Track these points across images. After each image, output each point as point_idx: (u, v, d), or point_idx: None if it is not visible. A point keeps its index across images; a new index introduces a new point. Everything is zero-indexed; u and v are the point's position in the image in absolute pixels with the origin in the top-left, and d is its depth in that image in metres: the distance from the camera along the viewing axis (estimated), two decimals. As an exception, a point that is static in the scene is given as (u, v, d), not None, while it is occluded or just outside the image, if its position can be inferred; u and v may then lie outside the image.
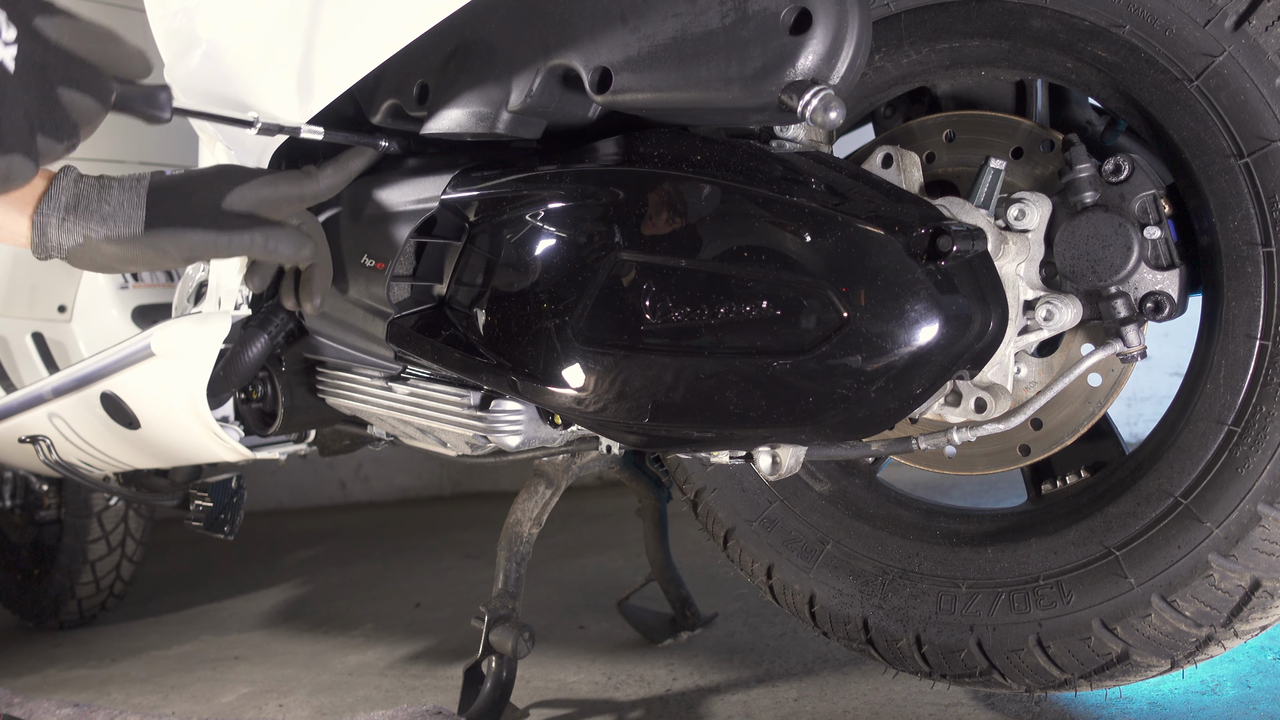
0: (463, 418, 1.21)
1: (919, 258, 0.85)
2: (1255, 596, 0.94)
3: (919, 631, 1.16)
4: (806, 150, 1.00)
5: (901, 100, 1.26)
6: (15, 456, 1.88)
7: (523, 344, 1.04)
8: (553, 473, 1.52)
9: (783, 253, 0.89)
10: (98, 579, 2.53)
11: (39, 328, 1.97)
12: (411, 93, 1.12)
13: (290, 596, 2.66)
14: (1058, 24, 0.99)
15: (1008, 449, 1.14)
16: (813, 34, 0.84)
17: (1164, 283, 1.00)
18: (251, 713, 1.70)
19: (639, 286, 0.96)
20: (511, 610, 1.46)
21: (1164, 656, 1.01)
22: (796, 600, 1.27)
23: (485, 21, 1.05)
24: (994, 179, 1.03)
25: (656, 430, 0.97)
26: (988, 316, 0.88)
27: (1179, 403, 1.02)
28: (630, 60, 0.94)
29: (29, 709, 1.71)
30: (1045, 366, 1.10)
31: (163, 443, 1.53)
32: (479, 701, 1.40)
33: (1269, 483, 0.92)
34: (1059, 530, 1.08)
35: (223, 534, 1.74)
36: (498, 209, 1.09)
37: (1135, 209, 1.00)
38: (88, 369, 1.49)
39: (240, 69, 1.15)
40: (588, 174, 1.02)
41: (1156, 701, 1.25)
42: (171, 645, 2.28)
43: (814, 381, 0.88)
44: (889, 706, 1.34)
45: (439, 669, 1.81)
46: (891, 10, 1.09)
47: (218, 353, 1.34)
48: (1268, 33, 0.88)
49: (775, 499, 1.29)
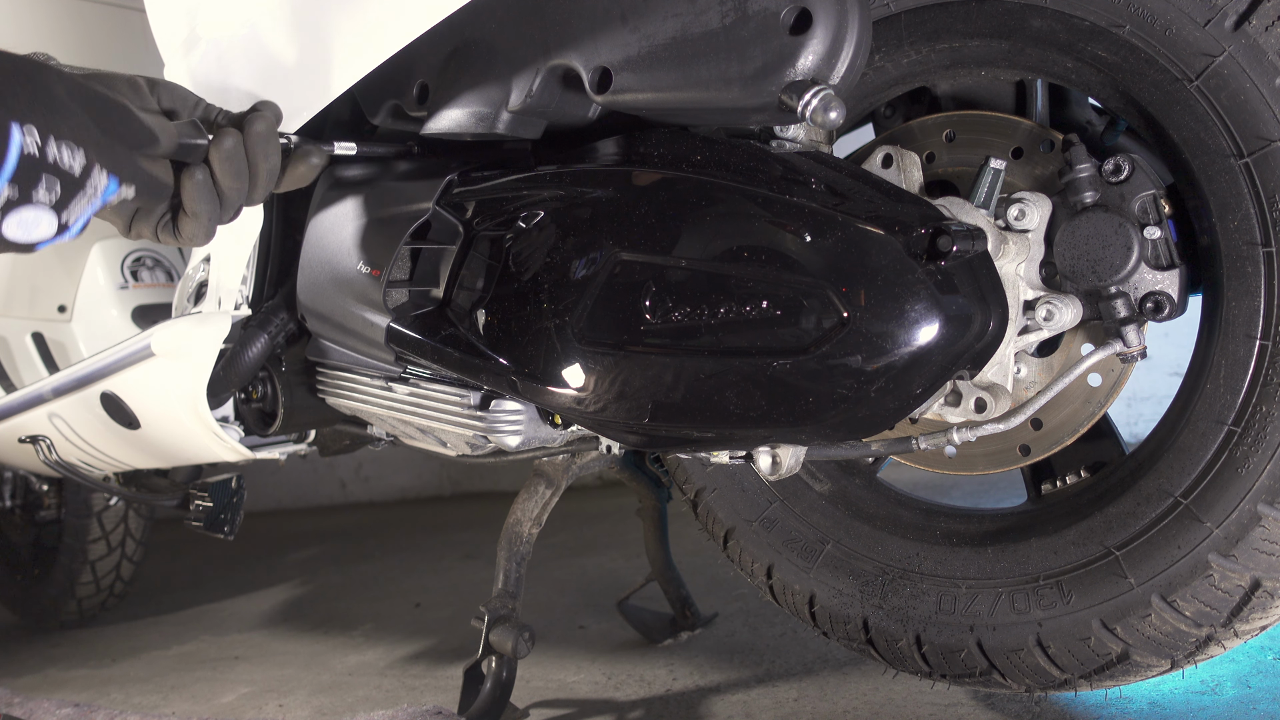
0: (463, 418, 1.20)
1: (919, 258, 0.85)
2: (1255, 596, 0.94)
3: (919, 631, 1.16)
4: (806, 150, 1.01)
5: (901, 100, 1.25)
6: (15, 456, 1.88)
7: (523, 344, 1.04)
8: (553, 473, 1.52)
9: (783, 253, 0.89)
10: (98, 579, 2.53)
11: (39, 328, 1.97)
12: (411, 93, 1.12)
13: (290, 596, 2.66)
14: (1058, 24, 0.99)
15: (1008, 449, 1.14)
16: (813, 34, 0.84)
17: (1164, 283, 1.00)
18: (251, 713, 1.70)
19: (639, 286, 0.96)
20: (511, 610, 1.45)
21: (1164, 656, 1.01)
22: (796, 600, 1.27)
23: (485, 21, 1.05)
24: (994, 179, 1.03)
25: (656, 430, 0.97)
26: (988, 316, 0.88)
27: (1179, 403, 1.02)
28: (630, 60, 0.94)
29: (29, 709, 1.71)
30: (1045, 366, 1.10)
31: (163, 443, 1.53)
32: (479, 701, 1.40)
33: (1269, 483, 0.92)
34: (1059, 530, 1.08)
35: (223, 534, 1.74)
36: (497, 210, 1.09)
37: (1135, 209, 1.00)
38: (88, 369, 1.49)
39: (240, 69, 1.15)
40: (588, 174, 1.02)
41: (1156, 701, 1.25)
42: (171, 645, 2.28)
43: (814, 381, 0.87)
44: (889, 706, 1.34)
45: (439, 669, 1.81)
46: (891, 10, 1.09)
47: (218, 353, 1.34)
48: (1268, 33, 0.88)
49: (775, 499, 1.29)
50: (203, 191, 0.86)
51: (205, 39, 1.18)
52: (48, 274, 1.95)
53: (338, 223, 1.24)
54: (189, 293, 1.43)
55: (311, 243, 1.28)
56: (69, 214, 0.78)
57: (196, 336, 1.33)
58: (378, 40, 1.02)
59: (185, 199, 0.86)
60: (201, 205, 0.87)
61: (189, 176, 0.86)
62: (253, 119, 0.87)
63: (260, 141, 0.87)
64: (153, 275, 1.98)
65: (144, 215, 0.89)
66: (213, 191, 0.87)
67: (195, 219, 0.87)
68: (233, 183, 0.87)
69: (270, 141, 0.88)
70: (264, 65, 1.12)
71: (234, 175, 0.86)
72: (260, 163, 0.88)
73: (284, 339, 1.39)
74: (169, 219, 0.89)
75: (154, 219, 0.89)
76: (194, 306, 1.41)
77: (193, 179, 0.86)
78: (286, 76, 1.10)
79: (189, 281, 1.43)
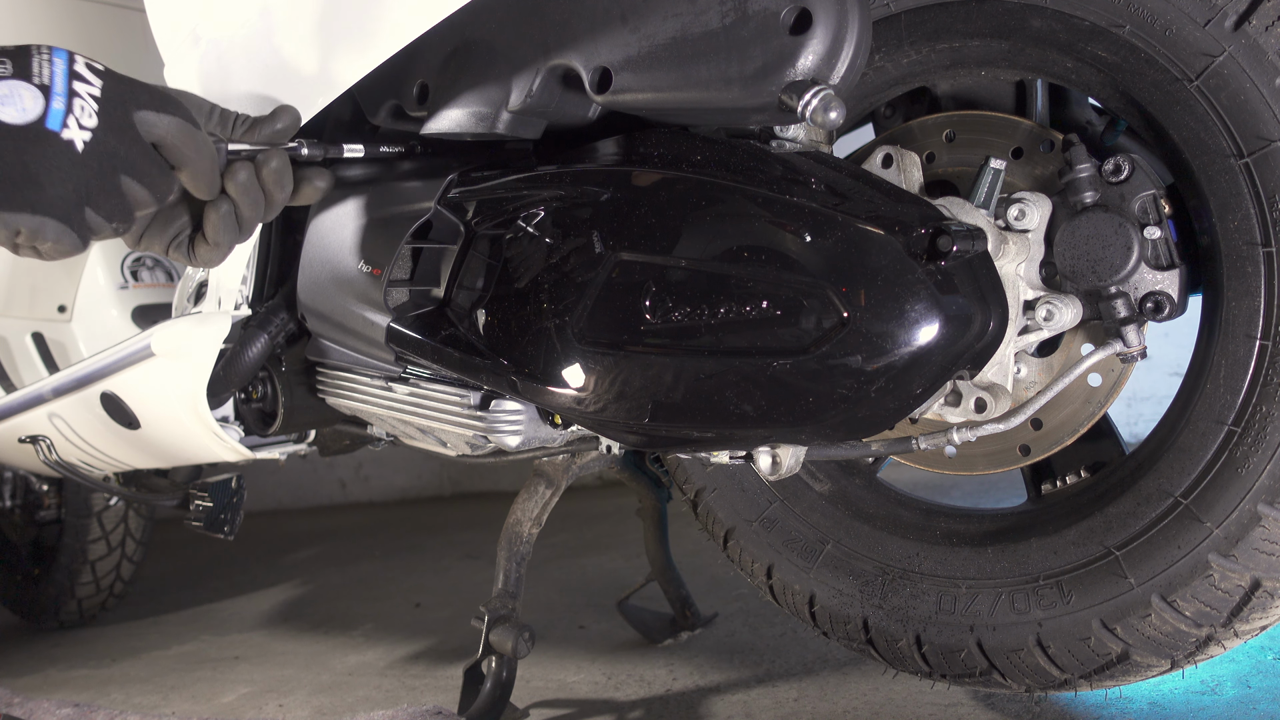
0: (463, 418, 1.21)
1: (919, 258, 0.85)
2: (1255, 596, 0.94)
3: (919, 631, 1.16)
4: (806, 150, 1.01)
5: (901, 100, 1.25)
6: (15, 456, 1.88)
7: (523, 344, 1.04)
8: (553, 473, 1.52)
9: (783, 253, 0.89)
10: (98, 579, 2.53)
11: (39, 328, 1.97)
12: (411, 93, 1.12)
13: (290, 596, 2.66)
14: (1058, 24, 0.99)
15: (1008, 449, 1.14)
16: (813, 34, 0.84)
17: (1164, 283, 1.00)
18: (251, 713, 1.70)
19: (639, 286, 0.96)
20: (511, 610, 1.45)
21: (1164, 656, 1.01)
22: (796, 600, 1.27)
23: (485, 21, 1.05)
24: (994, 179, 1.03)
25: (656, 430, 0.97)
26: (988, 316, 0.88)
27: (1179, 403, 1.02)
28: (630, 60, 0.94)
29: (29, 709, 1.71)
30: (1045, 366, 1.10)
31: (163, 443, 1.53)
32: (479, 701, 1.40)
33: (1269, 483, 0.92)
34: (1059, 530, 1.08)
35: (223, 534, 1.74)
36: (498, 210, 1.09)
37: (1135, 209, 1.00)
38: (88, 369, 1.49)
39: (241, 69, 1.15)
40: (588, 174, 1.02)
41: (1156, 701, 1.25)
42: (171, 645, 2.28)
43: (814, 381, 0.87)
44: (889, 706, 1.34)
45: (439, 669, 1.81)
46: (891, 10, 1.09)
47: (218, 353, 1.34)
48: (1268, 33, 0.88)
49: (775, 499, 1.29)
50: (228, 222, 0.89)
51: (205, 39, 1.18)
52: (48, 274, 1.95)
53: (339, 222, 1.24)
54: (189, 293, 1.43)
55: (312, 242, 1.28)
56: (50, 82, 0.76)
57: (196, 336, 1.33)
58: (378, 40, 1.02)
59: (209, 230, 0.89)
60: (225, 236, 0.90)
61: (215, 209, 0.88)
62: (267, 157, 0.90)
63: (275, 176, 0.90)
64: (153, 275, 1.98)
65: (156, 231, 0.90)
66: (235, 222, 0.90)
67: (216, 248, 0.91)
68: (250, 208, 0.90)
69: (285, 174, 0.91)
70: (265, 65, 1.12)
71: (251, 203, 0.89)
72: (275, 193, 0.91)
73: (284, 339, 1.39)
74: (185, 240, 0.91)
75: (167, 237, 0.91)
76: (194, 306, 1.41)
77: (218, 211, 0.88)
78: (287, 76, 1.10)
79: (189, 281, 1.44)
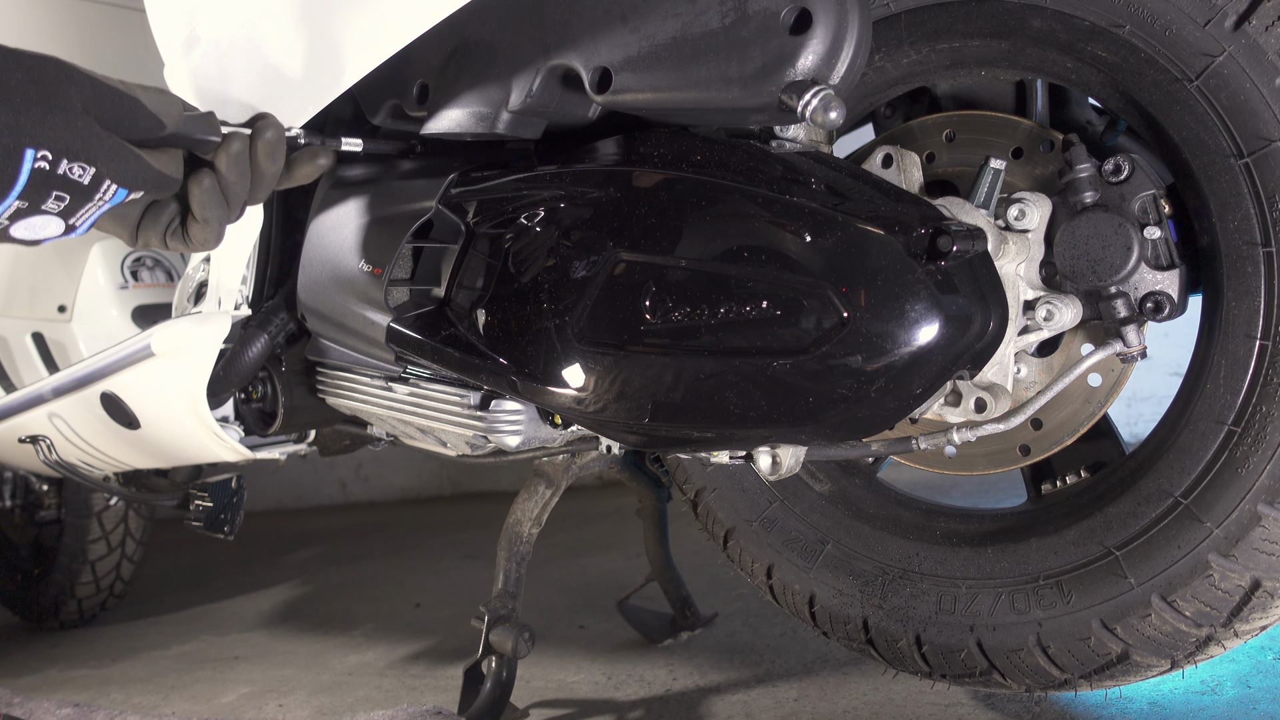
0: (463, 418, 1.21)
1: (919, 258, 0.85)
2: (1255, 596, 0.94)
3: (919, 631, 1.16)
4: (806, 150, 1.01)
5: (901, 100, 1.25)
6: (15, 456, 1.88)
7: (523, 344, 1.04)
8: (553, 473, 1.52)
9: (783, 253, 0.89)
10: (98, 579, 2.53)
11: (39, 328, 1.97)
12: (411, 93, 1.12)
13: (290, 596, 2.66)
14: (1058, 24, 0.99)
15: (1008, 449, 1.14)
16: (813, 34, 0.84)
17: (1164, 283, 1.00)
18: (251, 713, 1.70)
19: (639, 286, 0.96)
20: (511, 610, 1.45)
21: (1164, 656, 1.01)
22: (796, 600, 1.27)
23: (485, 21, 1.05)
24: (994, 179, 1.03)
25: (656, 430, 0.97)
26: (988, 316, 0.88)
27: (1179, 403, 1.02)
28: (630, 60, 0.94)
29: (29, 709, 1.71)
30: (1045, 366, 1.10)
31: (163, 443, 1.53)
32: (479, 701, 1.40)
33: (1269, 483, 0.92)
34: (1059, 530, 1.08)
35: (223, 534, 1.74)
36: (498, 210, 1.09)
37: (1135, 209, 1.00)
38: (88, 369, 1.49)
39: (241, 69, 1.15)
40: (588, 174, 1.02)
41: (1156, 701, 1.25)
42: (171, 645, 2.28)
43: (814, 381, 0.87)
44: (889, 706, 1.34)
45: (439, 669, 1.81)
46: (891, 10, 1.09)
47: (218, 353, 1.34)
48: (1268, 33, 0.88)
49: (775, 499, 1.29)
50: (212, 197, 0.87)
51: (205, 39, 1.18)
52: (48, 274, 1.95)
53: (339, 222, 1.24)
54: (189, 293, 1.43)
55: (313, 242, 1.28)
56: (76, 219, 0.80)
57: (196, 336, 1.33)
58: (378, 40, 1.02)
59: (195, 206, 0.87)
60: (211, 211, 0.87)
61: (197, 184, 0.86)
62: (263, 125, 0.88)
63: (269, 147, 0.88)
64: (153, 275, 1.98)
65: (150, 224, 0.89)
66: (221, 196, 0.88)
67: (206, 225, 0.88)
68: (238, 182, 0.87)
69: (278, 147, 0.89)
70: (265, 65, 1.12)
71: (239, 175, 0.87)
72: (267, 167, 0.88)
73: (284, 339, 1.39)
74: (177, 225, 0.90)
75: (161, 227, 0.90)
76: (194, 306, 1.41)
77: (201, 186, 0.86)
78: (287, 76, 1.10)
79: (189, 281, 1.44)
